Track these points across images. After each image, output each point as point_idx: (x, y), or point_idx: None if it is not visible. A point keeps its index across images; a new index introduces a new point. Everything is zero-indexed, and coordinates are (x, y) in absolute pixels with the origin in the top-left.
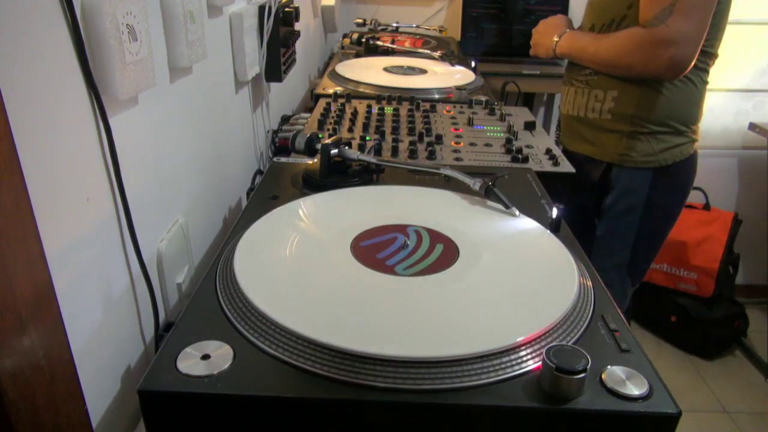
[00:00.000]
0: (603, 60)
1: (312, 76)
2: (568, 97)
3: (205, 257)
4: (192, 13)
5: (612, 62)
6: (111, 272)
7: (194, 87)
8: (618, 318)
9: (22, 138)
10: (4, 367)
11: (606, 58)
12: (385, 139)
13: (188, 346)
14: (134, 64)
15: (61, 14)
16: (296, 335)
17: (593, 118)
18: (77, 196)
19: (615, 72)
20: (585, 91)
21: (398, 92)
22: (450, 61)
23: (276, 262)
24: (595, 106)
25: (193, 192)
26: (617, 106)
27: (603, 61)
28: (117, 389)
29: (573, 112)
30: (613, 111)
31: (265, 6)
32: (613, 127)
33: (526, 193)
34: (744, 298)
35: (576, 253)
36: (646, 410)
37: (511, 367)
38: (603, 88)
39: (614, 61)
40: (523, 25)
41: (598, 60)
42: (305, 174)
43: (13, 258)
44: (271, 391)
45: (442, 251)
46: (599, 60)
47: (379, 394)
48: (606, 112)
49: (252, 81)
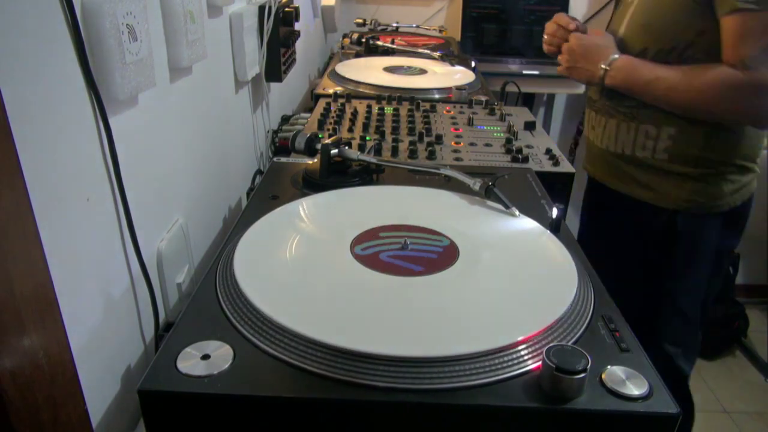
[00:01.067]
0: (680, 102)
1: (312, 76)
2: (606, 130)
3: (205, 257)
4: (192, 13)
5: (693, 105)
6: (111, 272)
7: (194, 87)
8: (618, 318)
9: (22, 138)
10: (4, 367)
11: (685, 100)
12: (385, 139)
13: (188, 346)
14: (134, 64)
15: (61, 14)
16: (296, 335)
17: (644, 157)
18: (77, 196)
19: (691, 114)
20: (631, 126)
21: (398, 92)
22: (450, 61)
23: (276, 262)
24: (647, 144)
25: (193, 192)
26: (677, 146)
27: (680, 103)
28: (117, 389)
29: (615, 149)
30: (671, 151)
31: (265, 6)
32: (673, 169)
33: (526, 193)
34: (744, 298)
35: (576, 253)
36: (646, 410)
37: (511, 367)
38: (656, 123)
39: (697, 105)
40: (523, 25)
41: (673, 101)
42: (305, 174)
43: (13, 258)
44: (271, 391)
45: (442, 251)
46: (674, 101)
47: (379, 394)
48: (661, 151)
49: (252, 81)
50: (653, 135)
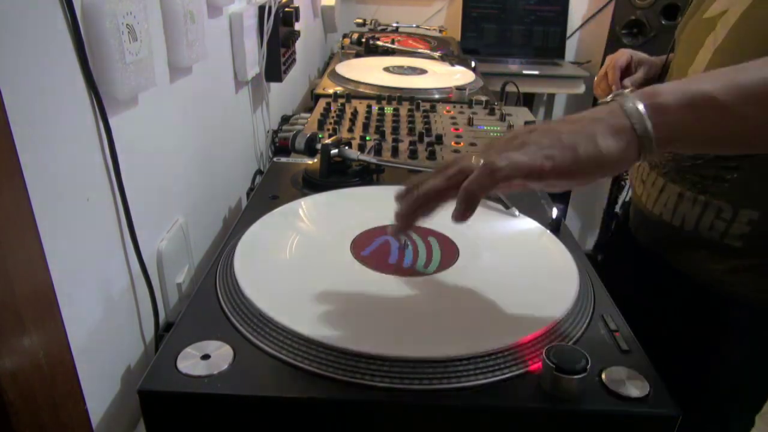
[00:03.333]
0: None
1: (312, 76)
2: (663, 195)
3: (205, 257)
4: (192, 13)
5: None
6: (111, 272)
7: (194, 87)
8: (618, 318)
9: (22, 138)
10: (4, 367)
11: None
12: (385, 139)
13: (188, 346)
14: (134, 64)
15: (61, 14)
16: (296, 335)
17: (711, 238)
18: (77, 196)
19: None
20: (700, 199)
21: (398, 92)
22: (450, 61)
23: (276, 262)
24: (717, 225)
25: (193, 192)
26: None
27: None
28: (117, 389)
29: (673, 221)
30: (749, 237)
31: (265, 6)
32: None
33: (526, 193)
34: None
35: (576, 253)
36: (646, 411)
37: (511, 367)
38: (733, 202)
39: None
40: (523, 25)
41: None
42: (305, 174)
43: (13, 258)
44: (271, 391)
45: (442, 251)
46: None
47: (378, 394)
48: (735, 237)
49: (252, 81)
50: (728, 216)
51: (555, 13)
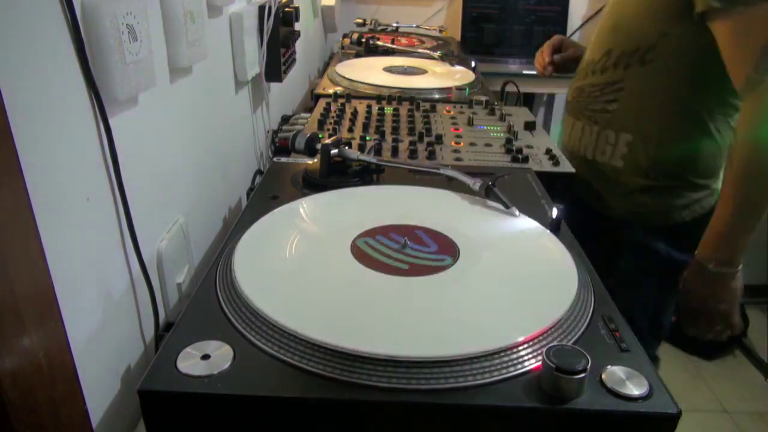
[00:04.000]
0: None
1: (312, 76)
2: (573, 131)
3: (205, 257)
4: (192, 13)
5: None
6: (111, 272)
7: (194, 87)
8: (618, 318)
9: (22, 138)
10: (4, 367)
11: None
12: (385, 139)
13: (188, 346)
14: (134, 64)
15: (61, 14)
16: (296, 335)
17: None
18: (77, 196)
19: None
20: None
21: (398, 92)
22: (450, 61)
23: (276, 262)
24: (606, 150)
25: (193, 192)
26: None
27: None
28: (117, 389)
29: (583, 151)
30: (626, 157)
31: (265, 6)
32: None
33: (526, 193)
34: (744, 298)
35: (576, 253)
36: (646, 410)
37: (511, 367)
38: (615, 129)
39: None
40: (523, 25)
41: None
42: (305, 174)
43: (13, 258)
44: (271, 391)
45: (442, 251)
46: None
47: (378, 394)
48: (618, 158)
49: (252, 81)
50: (612, 141)
51: (555, 13)
